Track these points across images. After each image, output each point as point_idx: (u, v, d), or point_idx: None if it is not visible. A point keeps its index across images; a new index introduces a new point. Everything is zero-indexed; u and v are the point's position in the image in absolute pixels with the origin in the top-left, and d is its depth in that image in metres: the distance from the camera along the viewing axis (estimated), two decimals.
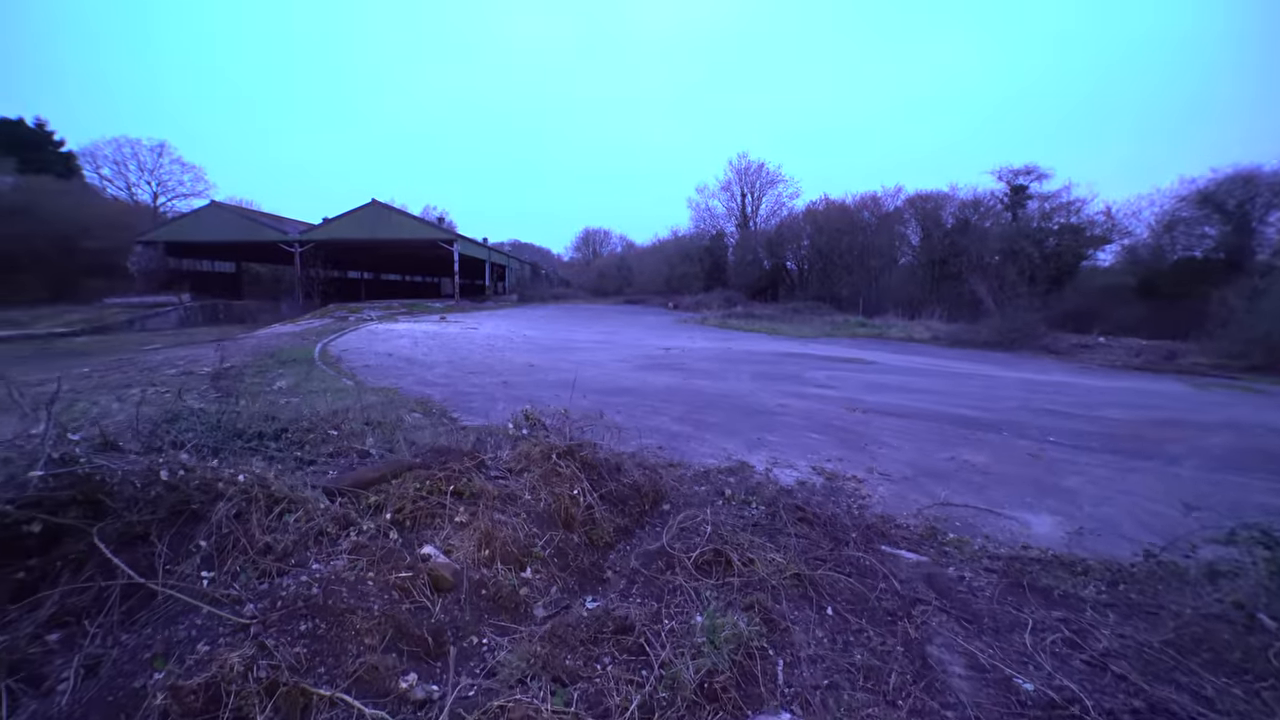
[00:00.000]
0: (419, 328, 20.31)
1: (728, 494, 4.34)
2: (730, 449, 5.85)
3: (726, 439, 6.25)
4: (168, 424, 3.26)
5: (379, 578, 2.26)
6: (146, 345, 17.25)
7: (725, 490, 4.46)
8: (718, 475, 4.93)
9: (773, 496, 4.30)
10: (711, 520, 3.61)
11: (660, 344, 16.42)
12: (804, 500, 4.24)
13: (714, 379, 10.28)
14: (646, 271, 58.09)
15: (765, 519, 3.86)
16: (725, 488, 4.55)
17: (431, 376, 9.84)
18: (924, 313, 28.09)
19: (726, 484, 4.68)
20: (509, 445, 3.85)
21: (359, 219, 35.89)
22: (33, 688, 2.07)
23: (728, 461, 5.38)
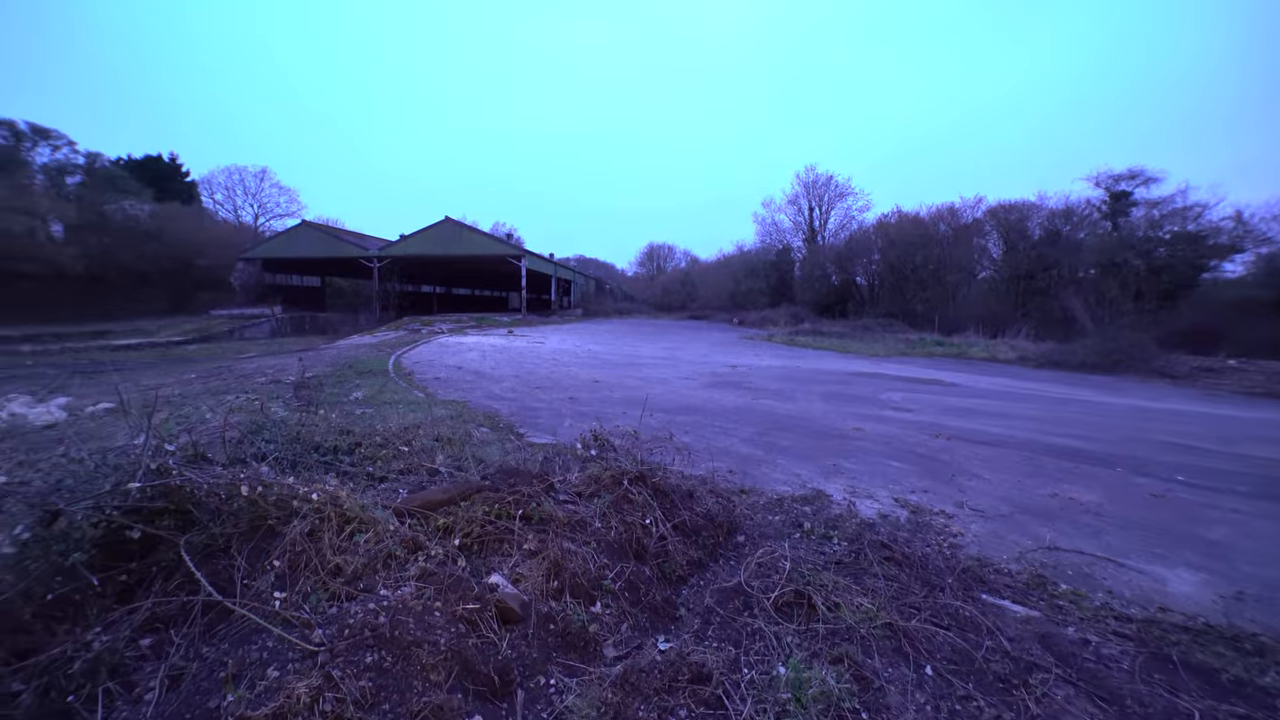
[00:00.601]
0: (487, 341, 20.94)
1: (806, 527, 4.04)
2: (804, 475, 5.52)
3: (800, 464, 5.92)
4: (252, 435, 3.40)
5: (446, 608, 2.18)
6: (242, 354, 18.71)
7: (803, 522, 4.17)
8: (792, 504, 4.64)
9: (855, 531, 3.98)
10: (790, 556, 3.35)
11: (726, 361, 16.10)
12: (889, 536, 3.88)
13: (783, 399, 9.89)
14: (711, 287, 57.75)
15: (848, 557, 3.55)
16: (802, 519, 4.26)
17: (499, 390, 10.01)
18: (1008, 331, 26.14)
19: (803, 515, 4.38)
20: (578, 467, 3.75)
21: (432, 235, 37.73)
22: (126, 691, 2.13)
23: (803, 489, 5.06)
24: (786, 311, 40.42)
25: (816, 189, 51.45)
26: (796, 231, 53.32)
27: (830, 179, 50.86)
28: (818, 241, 50.86)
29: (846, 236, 47.73)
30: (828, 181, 50.95)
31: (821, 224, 51.89)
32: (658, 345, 21.32)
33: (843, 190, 50.68)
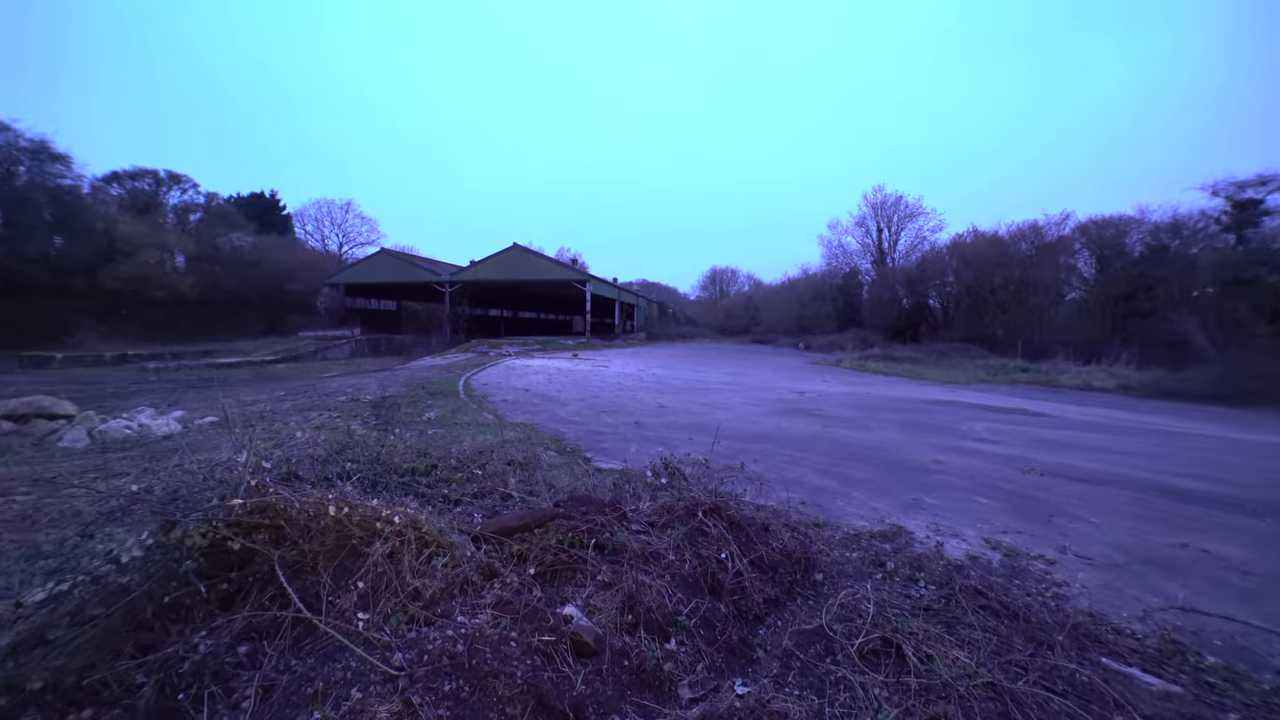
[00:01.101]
0: (552, 364, 21.41)
1: (889, 567, 3.78)
2: (882, 509, 5.21)
3: (876, 497, 5.60)
4: (337, 454, 3.58)
5: (522, 639, 2.16)
6: (325, 373, 20.03)
7: (884, 561, 3.91)
8: (871, 540, 4.37)
9: (943, 574, 3.68)
10: (874, 599, 3.13)
11: (793, 387, 15.67)
12: (982, 582, 3.56)
13: (856, 427, 9.47)
14: (775, 311, 56.86)
15: (937, 602, 3.28)
16: (883, 558, 3.99)
17: (565, 414, 10.15)
18: (1104, 356, 24.00)
19: (883, 553, 4.11)
20: (649, 495, 3.69)
21: (501, 261, 39.35)
22: (226, 696, 2.23)
23: (881, 525, 4.77)
24: (854, 336, 39.11)
25: (885, 210, 49.90)
26: (864, 254, 51.79)
27: (900, 199, 49.25)
28: (887, 264, 49.13)
29: (918, 258, 45.87)
30: (897, 201, 49.33)
31: (891, 245, 50.16)
32: (722, 370, 21.09)
33: (913, 210, 48.89)
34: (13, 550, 3.54)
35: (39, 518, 4.18)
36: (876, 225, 50.62)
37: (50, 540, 3.60)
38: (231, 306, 38.62)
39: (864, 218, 51.16)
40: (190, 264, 38.55)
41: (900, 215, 49.38)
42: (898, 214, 49.42)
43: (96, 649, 2.25)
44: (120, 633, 2.30)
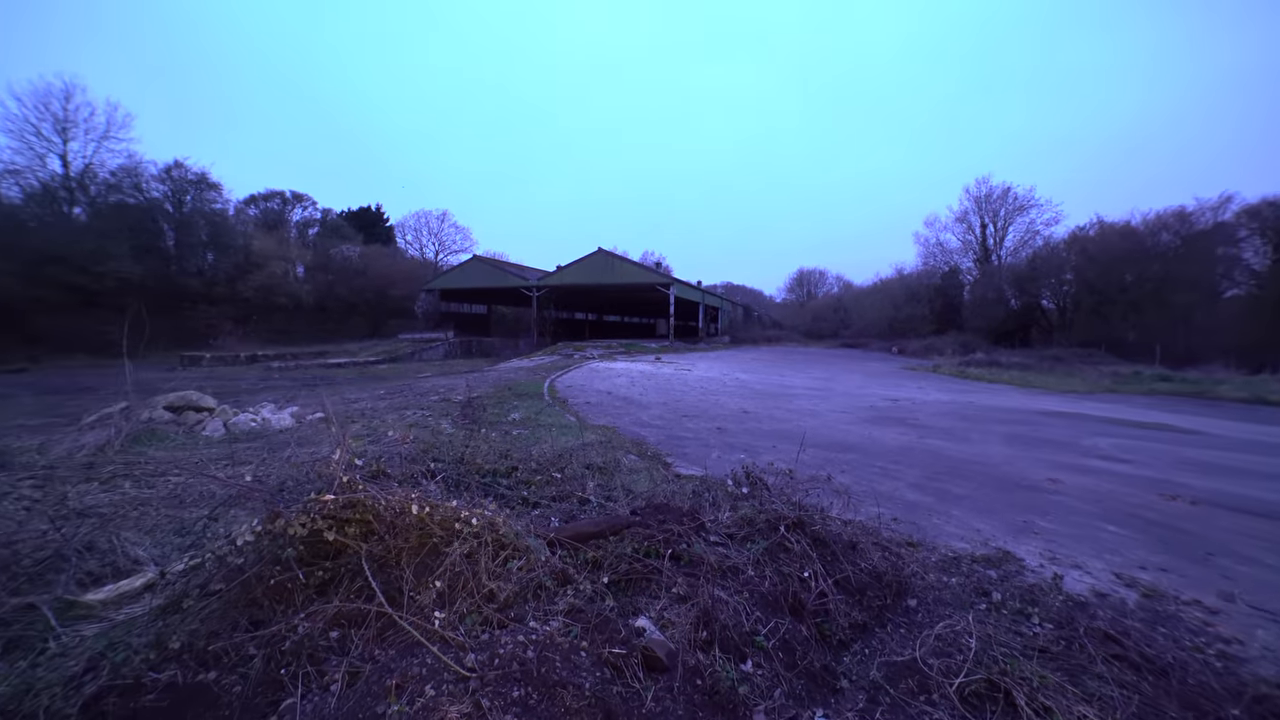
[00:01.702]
0: (635, 367, 21.58)
1: (995, 598, 3.40)
2: (985, 531, 4.73)
3: (979, 517, 5.10)
4: (424, 453, 3.76)
5: (592, 649, 2.12)
6: (420, 374, 21.39)
7: (989, 590, 3.52)
8: (972, 565, 3.96)
9: (1063, 611, 3.25)
10: (977, 633, 2.82)
11: (885, 394, 14.79)
12: (1115, 625, 3.08)
13: (955, 439, 8.73)
14: (866, 313, 54.16)
15: (1056, 644, 2.89)
16: (988, 586, 3.60)
17: (646, 417, 10.16)
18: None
19: (987, 580, 3.71)
20: (728, 506, 3.56)
21: (586, 266, 40.26)
22: (318, 677, 2.37)
23: (984, 548, 4.32)
24: (954, 340, 36.38)
25: (990, 203, 45.86)
26: (966, 251, 47.97)
27: (1008, 190, 45.04)
28: (992, 261, 45.18)
29: (1028, 255, 41.85)
30: (1004, 194, 45.16)
31: (997, 242, 46.09)
32: (808, 375, 20.32)
33: (1023, 202, 44.49)
34: (165, 524, 4.04)
35: (185, 497, 4.73)
36: (980, 220, 46.69)
37: (190, 518, 4.08)
38: (341, 311, 42.45)
39: (965, 212, 47.36)
40: (308, 273, 42.87)
41: (1008, 208, 45.17)
42: (1005, 207, 45.25)
43: (219, 619, 2.48)
44: (237, 607, 2.52)
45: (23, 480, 5.26)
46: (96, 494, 4.88)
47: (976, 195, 46.40)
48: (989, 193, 45.77)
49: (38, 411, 11.27)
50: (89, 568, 3.31)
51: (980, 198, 46.20)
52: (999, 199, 45.31)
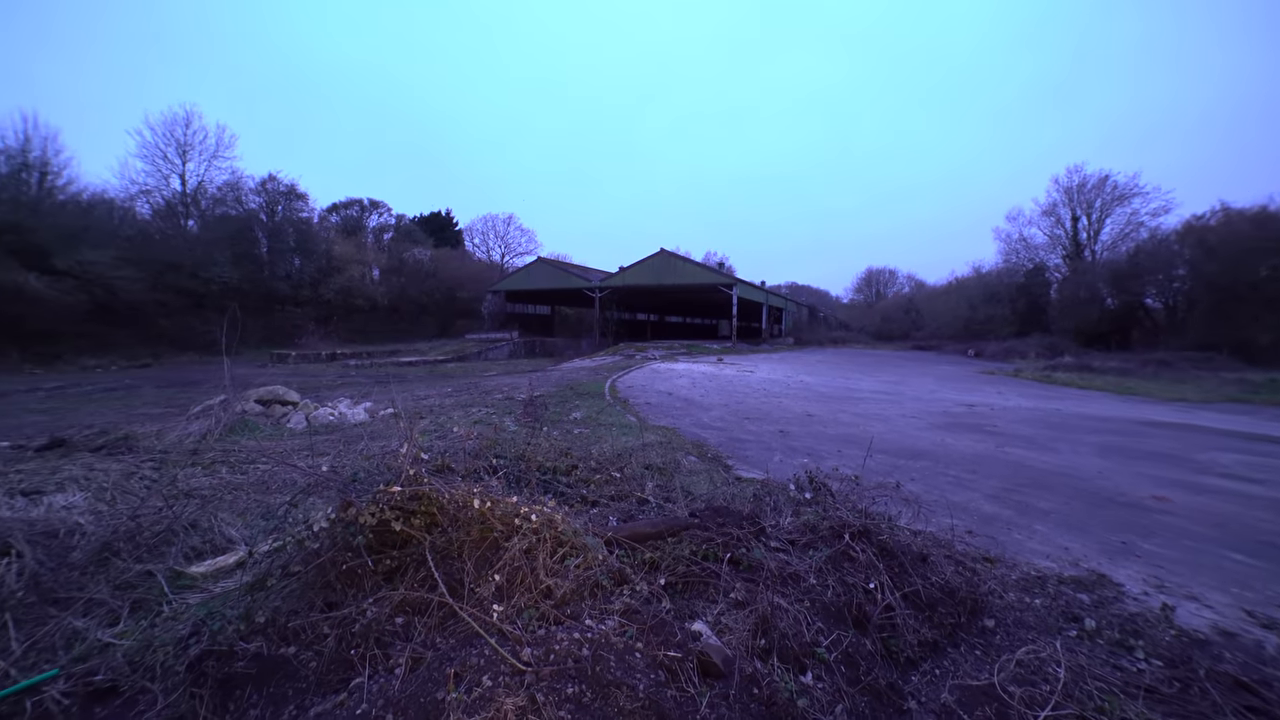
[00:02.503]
0: (697, 368, 21.44)
1: (1088, 625, 3.10)
2: (1075, 550, 4.33)
3: (1067, 534, 4.68)
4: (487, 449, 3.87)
5: (647, 651, 2.10)
6: (486, 372, 22.12)
7: (1080, 616, 3.21)
8: (1059, 587, 3.63)
9: (1175, 649, 2.90)
10: (1067, 662, 2.58)
11: (960, 399, 13.95)
12: (1248, 672, 2.67)
13: (1039, 449, 8.10)
14: (940, 314, 51.41)
15: (1167, 685, 2.58)
16: (1079, 611, 3.29)
17: (707, 419, 10.05)
18: None
19: (1078, 604, 3.39)
20: (790, 511, 3.45)
21: (648, 266, 40.39)
22: (384, 659, 2.48)
23: (1074, 569, 3.95)
24: (1038, 342, 33.87)
25: (1084, 194, 42.02)
26: (1053, 247, 44.33)
27: (1106, 178, 41.02)
28: (1084, 257, 41.57)
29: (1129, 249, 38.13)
30: (1101, 182, 41.21)
31: (1090, 235, 42.30)
32: (877, 378, 19.49)
33: (1125, 191, 40.33)
34: (254, 508, 4.37)
35: (271, 483, 5.11)
36: (1071, 212, 42.90)
37: (274, 504, 4.39)
38: (413, 312, 44.66)
39: (1053, 204, 43.66)
40: (383, 276, 45.41)
41: (1106, 198, 41.16)
42: (1102, 197, 41.28)
43: (298, 599, 2.65)
44: (313, 588, 2.67)
45: (145, 462, 5.86)
46: (199, 477, 5.35)
47: (1067, 186, 42.69)
48: (1082, 182, 41.93)
49: (156, 402, 12.54)
50: (193, 543, 3.63)
51: (1071, 188, 42.48)
52: (1094, 189, 41.47)
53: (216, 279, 31.98)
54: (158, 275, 29.43)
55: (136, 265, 28.28)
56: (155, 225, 34.18)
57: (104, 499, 4.37)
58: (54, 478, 4.95)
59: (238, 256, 34.63)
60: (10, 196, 26.66)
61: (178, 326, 29.19)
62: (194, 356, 27.31)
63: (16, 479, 4.89)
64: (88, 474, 5.16)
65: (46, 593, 2.93)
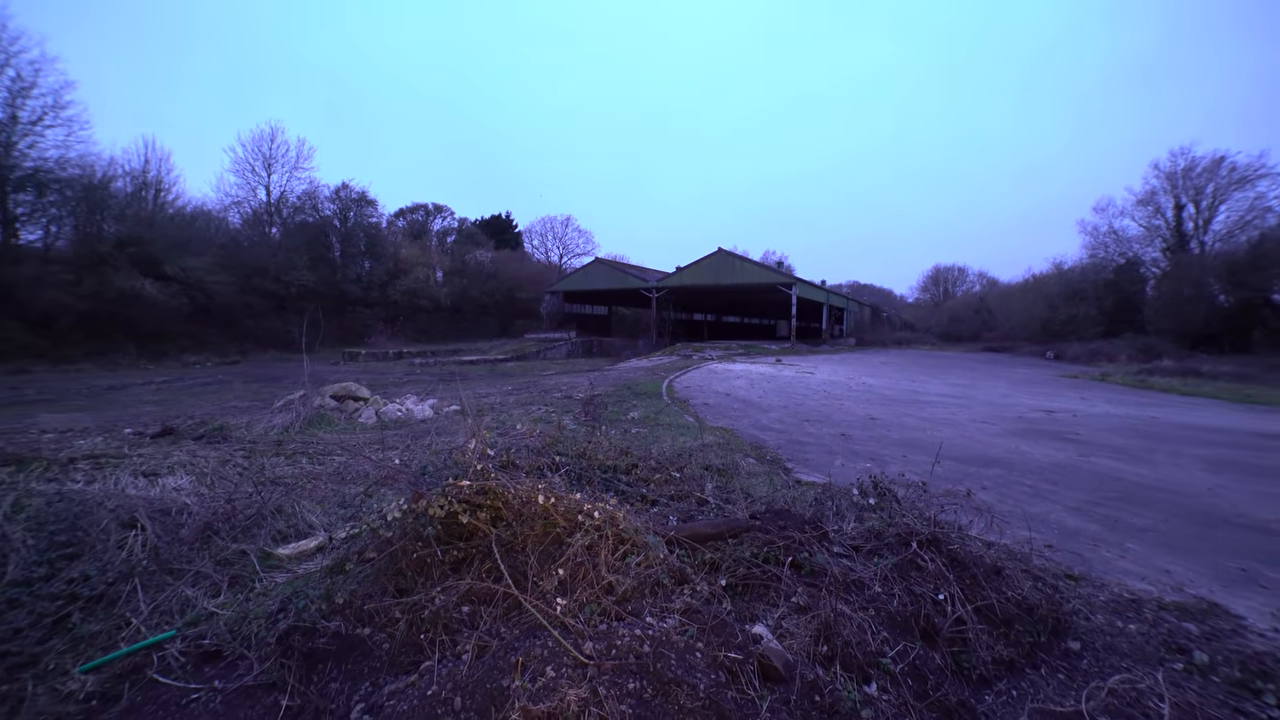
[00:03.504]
0: (755, 369, 21.11)
1: (1198, 659, 2.80)
2: (1179, 574, 3.94)
3: (1169, 556, 4.28)
4: (549, 446, 3.97)
5: (707, 651, 2.09)
6: (544, 371, 22.59)
7: (1188, 648, 2.90)
8: (1161, 613, 3.30)
9: None
10: (1171, 698, 2.36)
11: (1038, 404, 13.07)
12: None
13: (1132, 460, 7.47)
14: (1014, 314, 48.40)
15: None
16: (1186, 642, 2.96)
17: (766, 421, 9.88)
18: None
19: (1184, 635, 3.06)
20: (853, 516, 3.34)
21: (705, 266, 40.09)
22: (451, 645, 2.58)
23: (1177, 594, 3.59)
24: (1130, 343, 31.27)
25: (1191, 179, 37.59)
26: (1151, 239, 40.47)
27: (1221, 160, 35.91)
28: (1190, 250, 37.67)
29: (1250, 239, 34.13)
30: (1215, 165, 36.36)
31: (1199, 225, 38.11)
32: (944, 381, 18.56)
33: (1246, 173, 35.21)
34: (331, 496, 4.66)
35: (346, 474, 5.41)
36: (1174, 200, 38.75)
37: (350, 493, 4.66)
38: (474, 312, 46.28)
39: (1152, 192, 39.52)
40: (446, 278, 47.30)
41: (1220, 182, 36.36)
42: (1215, 182, 36.56)
43: (372, 584, 2.80)
44: (386, 575, 2.82)
45: (237, 451, 6.37)
46: (283, 466, 5.75)
47: (1169, 171, 38.42)
48: (1189, 166, 37.27)
49: (244, 396, 13.58)
50: (279, 527, 3.92)
51: (1175, 173, 38.17)
52: (1205, 173, 36.80)
53: (295, 282, 34.39)
54: (245, 279, 31.97)
55: (228, 270, 30.88)
56: (244, 233, 37.24)
57: (205, 483, 4.78)
58: (166, 462, 5.46)
59: (314, 261, 37.09)
60: (133, 213, 29.86)
61: (261, 326, 31.57)
62: (275, 354, 29.43)
63: (138, 461, 5.44)
64: (191, 460, 5.65)
65: (164, 563, 3.26)
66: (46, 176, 26.14)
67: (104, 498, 3.85)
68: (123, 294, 25.38)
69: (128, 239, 27.14)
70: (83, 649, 2.65)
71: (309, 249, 37.31)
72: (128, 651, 2.60)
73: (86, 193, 27.35)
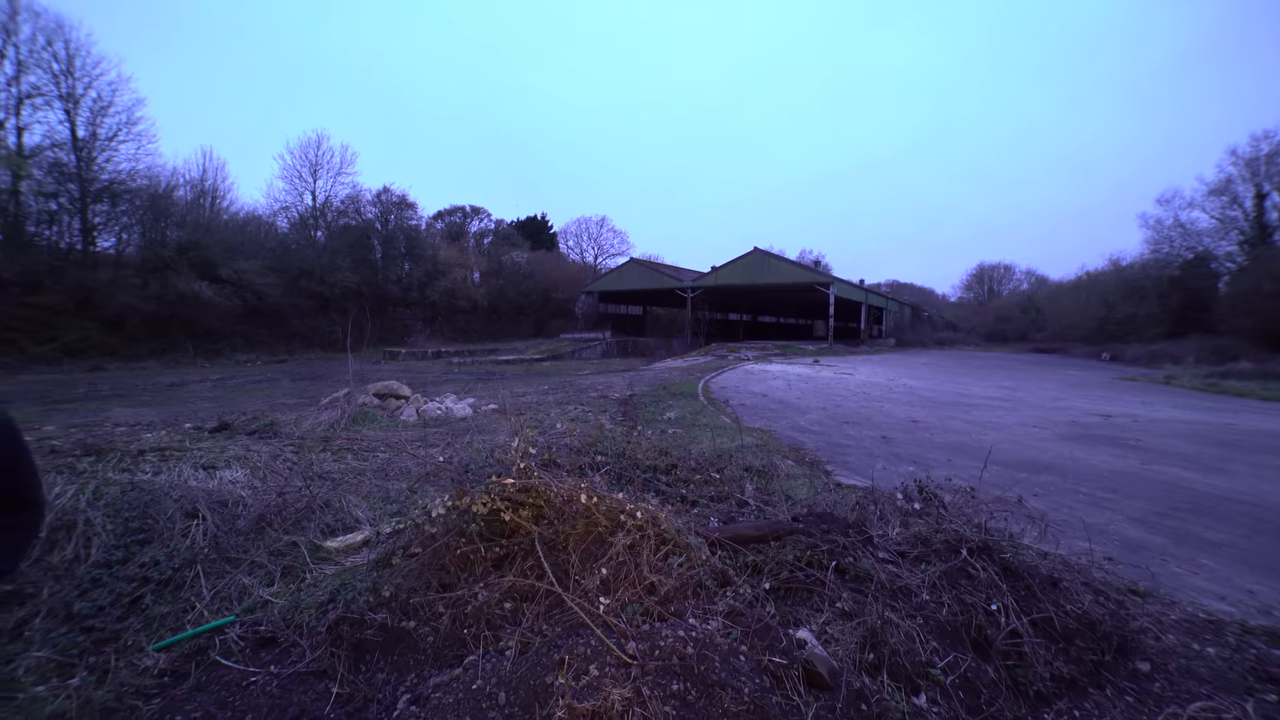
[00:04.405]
0: (792, 370, 20.79)
1: None
2: (1265, 595, 3.63)
3: (1251, 575, 3.97)
4: (590, 446, 3.98)
5: (751, 655, 2.05)
6: (580, 371, 22.74)
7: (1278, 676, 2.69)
8: (1244, 637, 3.03)
9: None
10: None
11: (1093, 407, 12.45)
12: None
13: (1202, 468, 7.02)
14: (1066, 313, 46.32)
15: None
16: (1277, 671, 2.74)
17: (804, 422, 9.71)
18: None
19: (1274, 663, 2.82)
20: (898, 521, 3.24)
21: (741, 266, 39.71)
22: (494, 641, 2.61)
23: (1266, 619, 3.29)
24: (1199, 344, 29.46)
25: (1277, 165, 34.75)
26: (1225, 231, 37.53)
27: None
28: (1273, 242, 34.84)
29: None
30: None
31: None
32: (990, 383, 17.88)
33: None
34: (375, 492, 4.78)
35: (389, 470, 5.56)
36: (1254, 189, 35.61)
37: (393, 489, 4.78)
38: (510, 312, 46.99)
39: (1228, 181, 36.37)
40: (483, 279, 48.21)
41: None
42: None
43: (417, 578, 2.86)
44: (430, 569, 2.87)
45: (287, 446, 6.62)
46: (330, 462, 5.94)
47: (1250, 157, 35.36)
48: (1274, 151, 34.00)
49: (291, 393, 14.13)
50: (327, 520, 4.05)
51: (1257, 159, 34.77)
52: None
53: (339, 283, 35.67)
54: (293, 281, 33.35)
55: (277, 273, 32.33)
56: (292, 237, 38.86)
57: (258, 476, 4.99)
58: (222, 455, 5.72)
59: (356, 263, 38.38)
60: (193, 219, 31.66)
61: (307, 326, 32.87)
62: (319, 353, 30.60)
63: (198, 454, 5.72)
64: (245, 453, 5.90)
65: (223, 552, 3.42)
66: (120, 188, 28.27)
67: (169, 488, 4.05)
68: (183, 296, 26.91)
69: (188, 244, 28.77)
70: (155, 628, 2.84)
71: (352, 251, 38.62)
72: (194, 633, 2.76)
73: (152, 202, 29.20)
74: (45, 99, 26.38)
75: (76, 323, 23.62)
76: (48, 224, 26.84)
